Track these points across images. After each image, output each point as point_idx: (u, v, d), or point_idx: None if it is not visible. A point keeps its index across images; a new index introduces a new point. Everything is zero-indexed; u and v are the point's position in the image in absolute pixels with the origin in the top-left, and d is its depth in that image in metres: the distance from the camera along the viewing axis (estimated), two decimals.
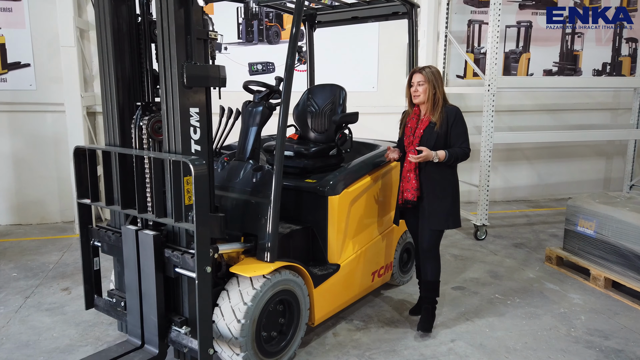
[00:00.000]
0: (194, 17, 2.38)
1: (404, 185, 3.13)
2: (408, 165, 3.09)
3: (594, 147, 7.48)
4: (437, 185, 3.07)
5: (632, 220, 3.77)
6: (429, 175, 3.07)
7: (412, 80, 3.08)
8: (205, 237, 2.27)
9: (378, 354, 2.96)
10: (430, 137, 3.02)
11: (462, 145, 3.02)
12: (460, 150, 3.01)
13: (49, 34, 5.38)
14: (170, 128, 2.42)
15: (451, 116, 3.02)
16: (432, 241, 3.15)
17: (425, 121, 3.06)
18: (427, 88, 3.01)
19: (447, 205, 3.08)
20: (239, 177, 2.98)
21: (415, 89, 3.05)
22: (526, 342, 3.12)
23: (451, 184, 3.11)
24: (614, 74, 7.22)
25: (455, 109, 3.05)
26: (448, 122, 3.01)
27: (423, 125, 3.06)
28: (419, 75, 3.04)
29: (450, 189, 3.10)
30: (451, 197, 3.10)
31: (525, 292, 3.89)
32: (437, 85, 3.01)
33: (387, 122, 6.37)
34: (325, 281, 3.06)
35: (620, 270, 3.83)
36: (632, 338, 3.18)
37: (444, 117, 3.01)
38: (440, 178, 3.06)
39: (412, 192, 3.09)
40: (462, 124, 3.04)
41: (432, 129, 3.02)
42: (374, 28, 6.27)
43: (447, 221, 3.09)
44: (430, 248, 3.16)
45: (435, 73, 3.03)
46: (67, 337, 3.14)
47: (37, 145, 5.62)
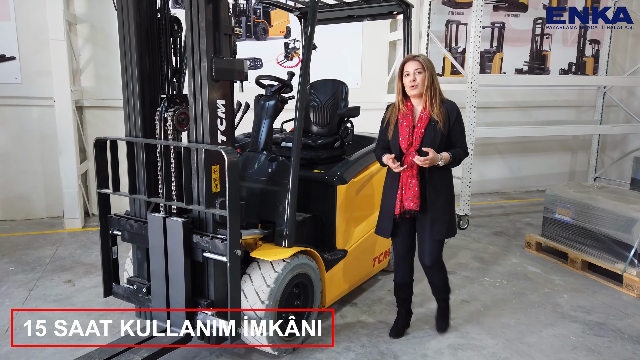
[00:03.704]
0: (222, 13, 2.50)
1: (404, 194, 2.78)
2: (410, 171, 2.75)
3: (560, 142, 7.95)
4: (441, 192, 2.80)
5: (606, 207, 4.12)
6: (432, 181, 2.77)
7: (406, 68, 2.72)
8: (237, 222, 2.40)
9: (385, 332, 3.16)
10: (434, 138, 2.72)
11: (463, 146, 2.81)
12: (461, 152, 2.80)
13: (35, 26, 5.31)
14: (199, 119, 2.53)
15: (452, 113, 2.75)
16: (436, 253, 2.91)
17: (424, 118, 2.73)
18: (425, 77, 2.68)
19: (449, 213, 2.86)
20: (254, 167, 3.12)
21: (413, 77, 2.69)
22: (519, 319, 3.40)
23: (451, 187, 2.89)
24: (578, 73, 7.70)
25: (455, 105, 2.79)
26: (450, 119, 2.74)
27: (423, 124, 2.73)
28: (414, 62, 2.69)
29: (452, 194, 2.89)
30: (452, 203, 2.89)
31: (510, 275, 4.19)
32: (434, 74, 2.72)
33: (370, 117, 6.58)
34: (335, 265, 3.23)
35: (596, 253, 4.17)
36: (612, 312, 3.51)
37: (445, 114, 2.73)
38: (442, 183, 2.81)
39: (414, 201, 2.75)
40: (461, 121, 2.81)
41: (434, 127, 2.72)
42: (358, 26, 6.47)
43: (449, 229, 2.87)
44: (435, 262, 2.93)
45: (430, 60, 2.75)
46: (81, 327, 3.17)
47: (22, 140, 5.53)
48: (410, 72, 2.71)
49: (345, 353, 2.92)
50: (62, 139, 5.18)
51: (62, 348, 2.93)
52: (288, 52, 6.28)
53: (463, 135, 2.83)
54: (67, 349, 2.91)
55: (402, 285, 3.12)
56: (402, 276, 3.09)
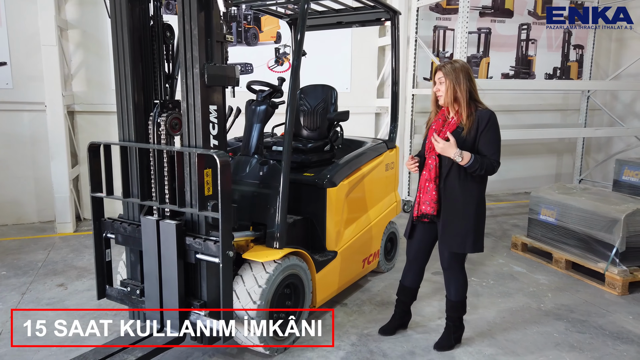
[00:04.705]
0: (214, 20, 2.57)
1: (422, 197, 2.80)
2: (428, 174, 2.78)
3: (546, 145, 8.10)
4: (459, 201, 2.73)
5: (589, 208, 4.23)
6: (451, 187, 2.73)
7: (434, 77, 2.78)
8: (229, 224, 2.47)
9: (375, 331, 3.24)
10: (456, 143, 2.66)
11: (493, 157, 2.66)
12: (489, 161, 2.64)
13: (26, 32, 5.34)
14: (191, 124, 2.60)
15: (483, 121, 2.65)
16: (450, 262, 2.87)
17: (452, 125, 2.73)
18: (447, 86, 2.69)
19: (468, 226, 2.73)
20: (245, 171, 3.19)
21: (437, 87, 2.75)
22: (504, 317, 3.49)
23: (475, 200, 2.75)
24: (563, 77, 7.87)
25: (488, 113, 2.68)
26: (479, 127, 2.66)
27: (449, 129, 2.72)
28: (438, 72, 2.74)
29: (473, 207, 2.74)
30: (474, 216, 2.74)
31: (497, 275, 4.29)
32: (458, 83, 2.66)
33: (360, 122, 6.72)
34: (325, 266, 3.31)
35: (580, 252, 4.29)
36: (593, 310, 3.62)
37: (474, 122, 2.66)
38: (462, 192, 2.72)
39: (431, 205, 2.76)
40: (494, 130, 2.68)
41: (458, 134, 2.68)
42: (347, 32, 6.56)
43: (463, 244, 2.75)
44: (447, 268, 2.91)
45: (458, 69, 2.68)
46: (75, 329, 3.22)
47: (13, 145, 5.55)
48: (436, 81, 2.77)
49: (335, 352, 2.99)
50: (54, 144, 5.20)
51: (57, 349, 2.96)
52: (278, 57, 6.36)
53: (494, 145, 2.68)
54: (62, 351, 2.95)
55: (404, 287, 3.16)
56: (408, 279, 3.13)
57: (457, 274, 2.92)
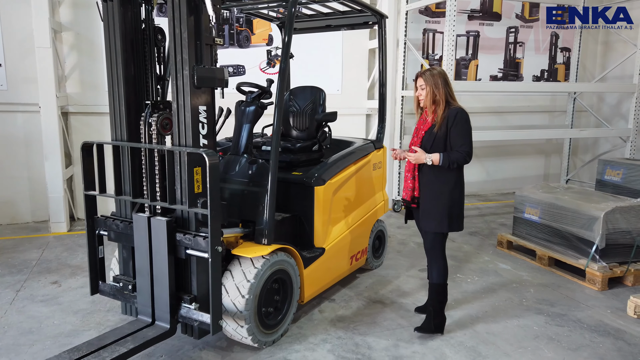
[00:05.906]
0: (204, 24, 2.67)
1: (403, 186, 3.23)
2: (407, 166, 3.14)
3: (534, 146, 8.24)
4: (433, 186, 3.05)
5: (570, 206, 4.35)
6: (425, 175, 3.08)
7: (416, 84, 3.11)
8: (218, 220, 2.56)
9: (361, 325, 3.34)
10: (429, 139, 3.03)
11: (461, 149, 2.95)
12: (458, 155, 2.95)
13: (20, 34, 5.42)
14: (182, 124, 2.69)
15: (451, 117, 2.97)
16: (430, 243, 3.17)
17: (428, 123, 3.08)
18: (427, 91, 3.02)
19: (442, 207, 3.03)
20: (235, 169, 3.28)
21: (419, 92, 3.08)
22: (486, 311, 3.60)
23: (449, 185, 3.03)
24: (550, 79, 8.01)
25: (456, 110, 2.98)
26: (448, 123, 2.97)
27: (425, 127, 3.08)
28: (419, 79, 3.07)
29: (447, 191, 3.03)
30: (448, 199, 3.03)
31: (482, 272, 4.40)
32: (437, 87, 2.99)
33: (350, 123, 6.83)
34: (313, 263, 3.40)
35: (562, 250, 4.41)
36: (573, 305, 3.74)
37: (445, 119, 2.98)
38: (435, 179, 3.04)
39: (406, 192, 3.17)
40: (462, 125, 2.97)
41: (432, 130, 3.04)
42: (338, 35, 6.67)
43: (441, 224, 3.04)
44: (430, 249, 3.19)
45: (436, 75, 3.01)
46: (69, 324, 3.31)
47: (8, 146, 5.61)
48: (418, 87, 3.10)
49: (322, 344, 3.09)
50: (48, 145, 5.28)
51: (51, 343, 3.04)
52: (270, 59, 6.46)
53: (463, 138, 2.97)
54: (56, 344, 3.03)
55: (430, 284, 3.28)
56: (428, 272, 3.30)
57: (439, 256, 3.19)
